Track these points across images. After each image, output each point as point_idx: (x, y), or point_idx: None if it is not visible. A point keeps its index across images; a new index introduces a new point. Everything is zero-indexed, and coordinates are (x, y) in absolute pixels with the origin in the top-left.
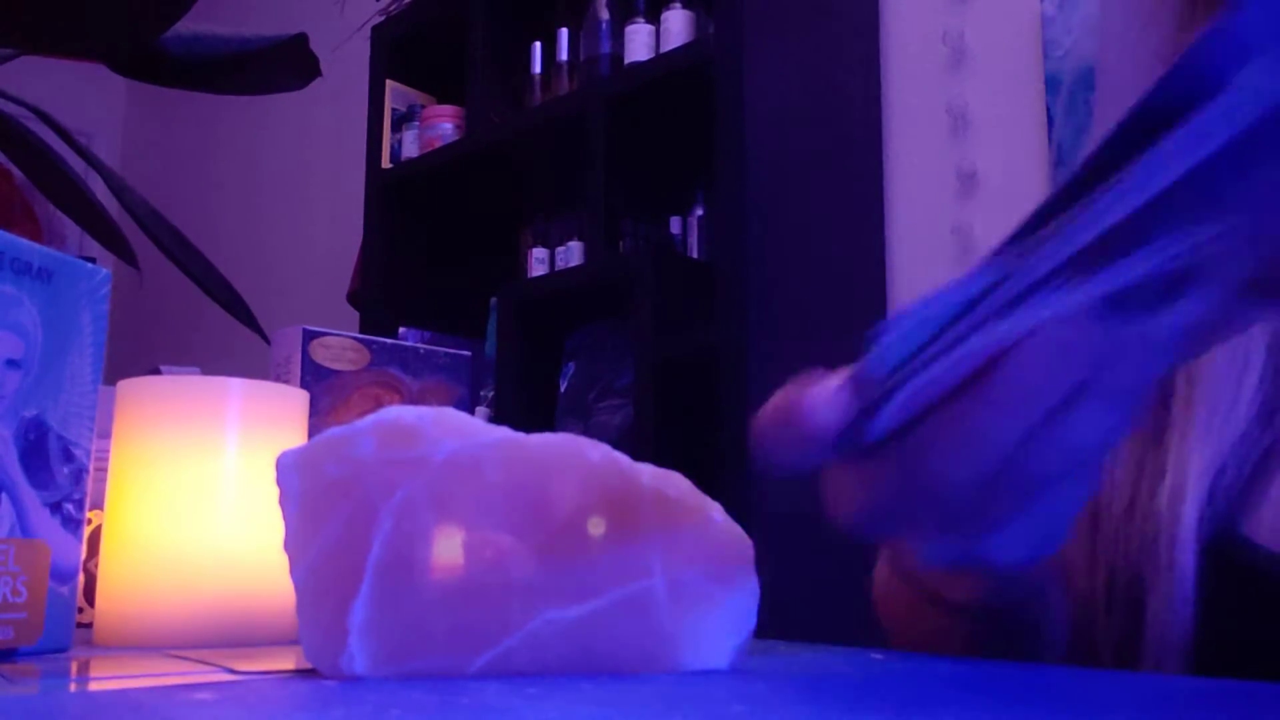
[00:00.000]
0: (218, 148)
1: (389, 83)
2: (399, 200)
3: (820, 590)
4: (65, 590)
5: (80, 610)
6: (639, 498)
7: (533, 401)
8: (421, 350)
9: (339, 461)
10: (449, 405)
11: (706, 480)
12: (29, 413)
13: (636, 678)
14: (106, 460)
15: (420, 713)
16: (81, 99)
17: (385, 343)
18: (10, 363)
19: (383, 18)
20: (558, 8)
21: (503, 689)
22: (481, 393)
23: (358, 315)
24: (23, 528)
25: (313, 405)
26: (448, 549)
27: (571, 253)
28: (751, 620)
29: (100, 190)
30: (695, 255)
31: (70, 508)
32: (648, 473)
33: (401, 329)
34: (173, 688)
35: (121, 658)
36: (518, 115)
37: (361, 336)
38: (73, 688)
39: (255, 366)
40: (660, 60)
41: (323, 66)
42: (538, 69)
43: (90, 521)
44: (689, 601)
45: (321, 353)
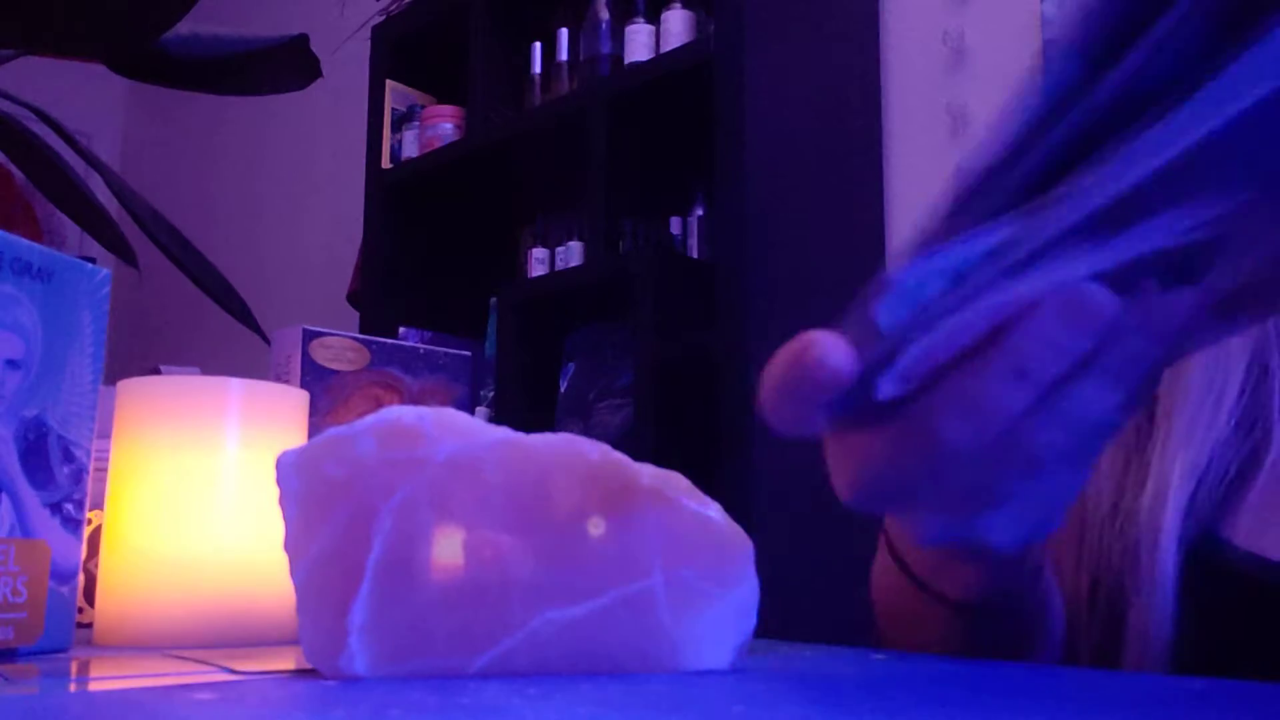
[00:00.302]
0: (218, 148)
1: (389, 83)
2: (399, 200)
3: (820, 590)
4: (65, 590)
5: (80, 610)
6: (639, 498)
7: (533, 401)
8: (421, 350)
9: (339, 461)
10: (449, 405)
11: (706, 480)
12: (29, 413)
13: (636, 678)
14: (106, 460)
15: (420, 713)
16: (81, 99)
17: (385, 343)
18: (10, 363)
19: (383, 18)
20: (558, 8)
21: (503, 689)
22: (481, 393)
23: (358, 315)
24: (23, 528)
25: (313, 405)
26: (448, 549)
27: (571, 253)
28: (751, 620)
29: (100, 190)
30: (695, 255)
31: (70, 508)
32: (648, 473)
33: (401, 329)
34: (173, 688)
35: (121, 658)
36: (518, 115)
37: (361, 336)
38: (73, 688)
39: (255, 366)
40: (660, 60)
41: (323, 66)
42: (538, 69)
43: (90, 521)
44: (689, 601)
45: (321, 353)
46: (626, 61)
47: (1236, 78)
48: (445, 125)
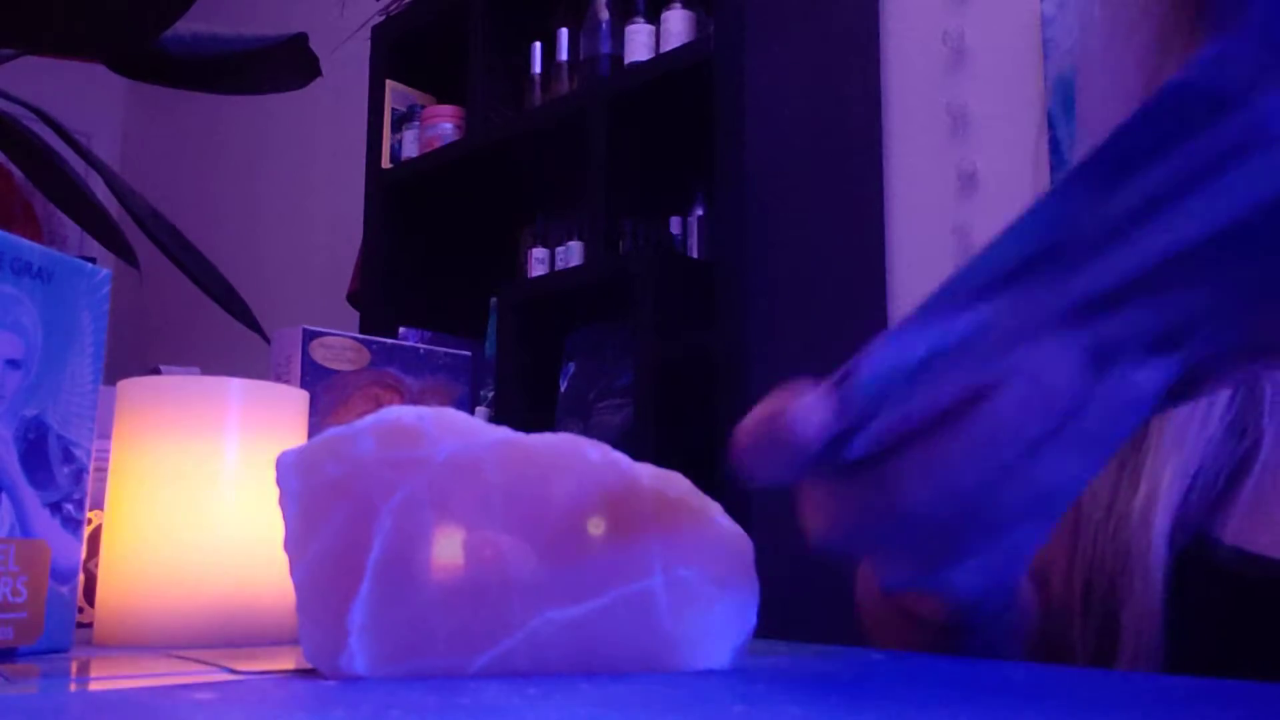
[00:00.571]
0: (218, 148)
1: (389, 83)
2: (399, 200)
3: (820, 590)
4: (65, 590)
5: (80, 610)
6: (639, 498)
7: (533, 401)
8: (421, 350)
9: (339, 461)
10: (449, 405)
11: (706, 480)
12: (29, 413)
13: (636, 678)
14: (106, 460)
15: (420, 713)
16: (81, 99)
17: (385, 343)
18: (10, 363)
19: (383, 18)
20: (558, 8)
21: (503, 689)
22: (481, 393)
23: (358, 315)
24: (23, 528)
25: (313, 405)
26: (448, 549)
27: (571, 253)
28: (751, 620)
29: (100, 190)
30: (695, 255)
31: (70, 508)
32: (648, 473)
33: (401, 329)
34: (173, 688)
35: (121, 658)
36: (518, 115)
37: (361, 336)
38: (73, 688)
39: (255, 366)
40: (660, 60)
41: (323, 66)
42: (538, 69)
43: (90, 521)
44: (689, 601)
45: (321, 353)
46: (626, 61)
47: (1216, 193)
48: (445, 125)
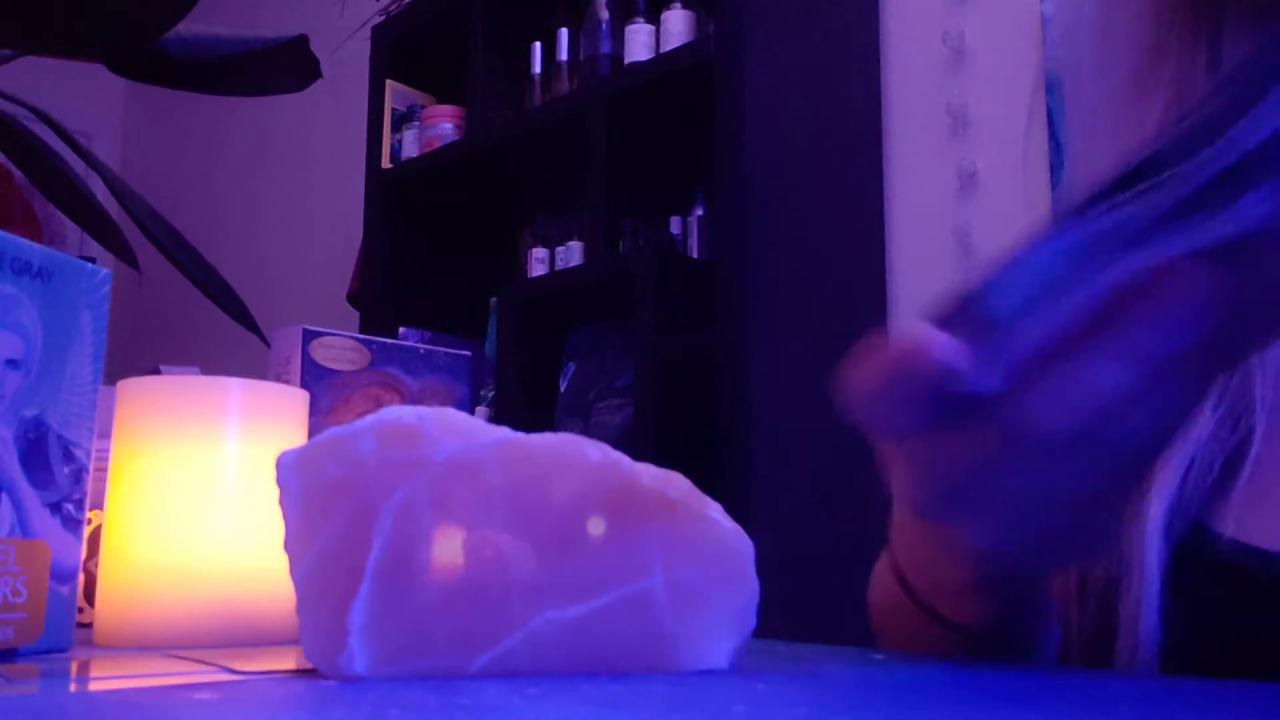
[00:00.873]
0: (218, 148)
1: (389, 83)
2: (399, 200)
3: (820, 590)
4: (65, 590)
5: (80, 610)
6: (639, 498)
7: (533, 401)
8: (421, 350)
9: (339, 461)
10: (449, 405)
11: (706, 480)
12: (29, 413)
13: (636, 678)
14: (106, 460)
15: (420, 713)
16: (81, 99)
17: (385, 343)
18: (10, 363)
19: (383, 18)
20: (558, 8)
21: (503, 689)
22: (481, 393)
23: (358, 315)
24: (23, 528)
25: (313, 405)
26: (448, 549)
27: (571, 253)
28: (751, 620)
29: (100, 191)
30: (695, 255)
31: (70, 508)
32: (648, 473)
33: (401, 329)
34: (173, 688)
35: (121, 658)
36: (518, 115)
37: (361, 336)
38: (73, 688)
39: (255, 366)
40: (660, 60)
41: (323, 67)
42: (538, 69)
43: (90, 521)
44: (689, 601)
45: (321, 353)
46: (626, 61)
47: None
48: (445, 125)
